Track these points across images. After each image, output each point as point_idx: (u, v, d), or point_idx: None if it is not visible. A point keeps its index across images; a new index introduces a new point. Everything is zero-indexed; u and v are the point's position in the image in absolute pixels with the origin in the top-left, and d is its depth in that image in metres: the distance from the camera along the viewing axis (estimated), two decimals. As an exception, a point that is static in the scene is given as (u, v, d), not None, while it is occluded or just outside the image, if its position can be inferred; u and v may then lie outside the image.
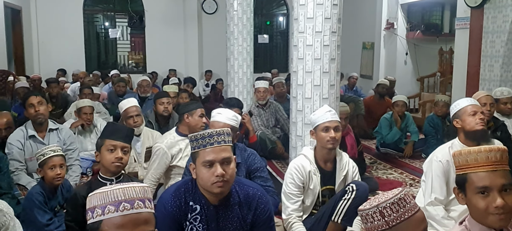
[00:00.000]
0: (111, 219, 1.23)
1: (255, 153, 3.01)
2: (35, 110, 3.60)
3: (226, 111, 2.92)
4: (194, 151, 1.94)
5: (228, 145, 1.95)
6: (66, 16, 10.06)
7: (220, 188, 1.91)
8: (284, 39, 12.06)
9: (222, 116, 2.83)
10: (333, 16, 3.51)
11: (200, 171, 1.92)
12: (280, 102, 5.90)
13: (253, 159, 2.94)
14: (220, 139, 1.92)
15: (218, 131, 1.93)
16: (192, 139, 1.94)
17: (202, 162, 1.90)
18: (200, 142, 1.92)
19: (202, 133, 1.92)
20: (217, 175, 1.87)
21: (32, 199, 2.76)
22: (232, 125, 2.79)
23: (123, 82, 6.74)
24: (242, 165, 2.87)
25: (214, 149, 1.90)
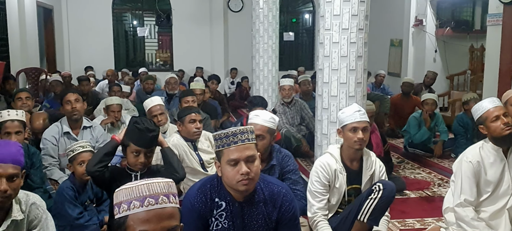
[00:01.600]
0: (137, 214, 1.25)
1: (291, 155, 2.99)
2: (71, 107, 3.70)
3: (264, 113, 2.91)
4: (219, 149, 1.96)
5: (252, 143, 1.95)
6: (95, 15, 10.30)
7: (245, 186, 1.92)
8: (310, 36, 11.99)
9: (260, 118, 2.82)
10: (360, 13, 3.47)
11: (225, 169, 1.93)
12: (306, 100, 5.87)
13: (287, 160, 2.92)
14: (244, 137, 1.93)
15: (241, 129, 1.94)
16: (216, 137, 1.96)
17: (227, 160, 1.92)
18: (224, 141, 1.93)
19: (226, 132, 1.94)
20: (242, 173, 1.89)
21: (63, 193, 2.84)
22: (270, 126, 2.78)
23: (151, 80, 6.85)
24: (277, 166, 2.86)
25: (238, 147, 1.91)
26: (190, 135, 3.39)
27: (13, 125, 3.08)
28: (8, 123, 3.07)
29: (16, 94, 4.46)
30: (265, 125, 2.78)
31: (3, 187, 1.84)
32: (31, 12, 8.08)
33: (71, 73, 8.53)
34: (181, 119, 3.40)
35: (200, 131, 3.42)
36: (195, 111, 3.44)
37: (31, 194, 2.09)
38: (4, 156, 1.87)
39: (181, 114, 3.45)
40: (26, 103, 4.32)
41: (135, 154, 2.50)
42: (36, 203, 2.05)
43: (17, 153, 1.94)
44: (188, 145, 3.40)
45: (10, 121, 3.08)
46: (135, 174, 2.54)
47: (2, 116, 3.11)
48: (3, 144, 1.96)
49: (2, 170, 1.85)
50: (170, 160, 2.66)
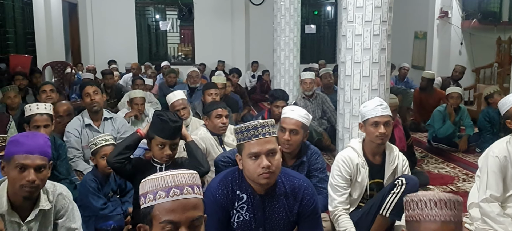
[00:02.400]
0: (162, 204, 1.28)
1: (319, 152, 2.96)
2: (90, 99, 3.78)
3: (298, 108, 2.89)
4: (240, 143, 1.97)
5: (273, 136, 1.96)
6: (119, 9, 10.44)
7: (266, 179, 1.93)
8: (332, 29, 11.88)
9: (294, 113, 2.80)
10: (384, 5, 3.42)
11: (246, 162, 1.94)
12: (327, 94, 5.83)
13: (316, 158, 2.89)
14: (265, 130, 1.93)
15: (262, 123, 1.94)
16: (237, 131, 1.97)
17: (248, 154, 1.93)
18: (245, 134, 1.94)
19: (247, 125, 1.94)
20: (263, 166, 1.89)
21: (86, 186, 2.91)
22: (303, 122, 2.77)
23: (174, 73, 6.92)
24: (305, 163, 2.85)
25: (259, 141, 1.92)
26: (216, 130, 3.40)
27: (42, 118, 3.16)
28: (37, 116, 3.15)
29: (41, 87, 4.56)
30: (300, 120, 2.75)
31: (31, 177, 1.89)
32: (56, 7, 8.25)
33: (96, 67, 8.72)
34: (208, 113, 3.42)
35: (226, 126, 3.44)
36: (221, 106, 3.44)
37: (58, 185, 2.14)
38: (32, 148, 1.92)
39: (208, 109, 3.47)
40: (51, 96, 4.42)
41: (160, 146, 2.53)
42: (62, 193, 2.10)
43: (45, 144, 1.99)
44: (214, 139, 3.42)
45: (39, 114, 3.16)
46: (160, 166, 2.58)
47: (31, 109, 3.18)
48: (31, 136, 2.01)
49: (30, 161, 1.90)
50: (194, 153, 2.69)
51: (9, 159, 1.91)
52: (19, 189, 1.91)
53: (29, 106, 3.19)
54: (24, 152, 1.90)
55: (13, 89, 4.57)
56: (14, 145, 1.93)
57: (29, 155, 1.90)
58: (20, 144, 1.92)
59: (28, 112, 3.17)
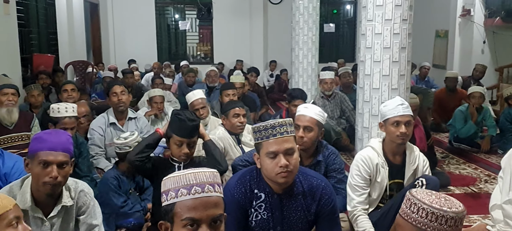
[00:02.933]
0: (184, 201, 1.30)
1: (337, 153, 2.94)
2: (118, 98, 3.85)
3: (313, 106, 2.89)
4: (258, 142, 1.97)
5: (291, 136, 1.95)
6: (139, 9, 10.57)
7: (284, 178, 1.92)
8: (351, 28, 11.79)
9: (309, 110, 2.80)
10: (404, 3, 3.38)
11: (264, 161, 1.95)
12: (346, 93, 5.79)
13: (333, 158, 2.87)
14: (283, 129, 1.93)
15: (280, 122, 1.94)
16: (255, 130, 1.97)
17: (266, 153, 1.93)
18: (263, 133, 1.94)
19: (264, 124, 1.95)
20: (281, 165, 1.89)
21: (107, 183, 2.96)
22: (318, 119, 2.76)
23: (193, 73, 6.97)
24: (322, 163, 2.83)
25: (277, 140, 1.91)
26: (233, 129, 3.42)
27: (71, 121, 3.22)
28: (66, 119, 3.19)
29: (63, 86, 4.65)
30: (314, 117, 2.75)
31: (54, 173, 1.93)
32: (78, 8, 8.39)
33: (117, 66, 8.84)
34: (225, 112, 3.43)
35: (243, 125, 3.45)
36: (239, 105, 3.45)
37: (80, 182, 2.18)
38: (55, 145, 1.97)
39: (225, 108, 3.48)
40: (72, 95, 4.49)
41: (178, 145, 2.56)
42: (84, 190, 2.14)
43: (67, 141, 2.03)
44: (232, 139, 3.43)
45: (68, 117, 3.20)
46: (178, 165, 2.60)
47: (60, 111, 3.21)
48: (54, 133, 2.05)
49: (53, 157, 1.94)
50: (212, 152, 2.71)
51: (33, 156, 1.96)
52: (42, 186, 1.95)
53: (58, 107, 3.21)
54: (47, 149, 1.95)
55: (37, 88, 4.67)
56: (38, 142, 1.98)
57: (52, 152, 1.95)
58: (44, 140, 1.97)
59: (57, 113, 3.18)
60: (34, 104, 4.59)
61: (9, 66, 5.41)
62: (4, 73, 4.86)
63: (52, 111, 3.24)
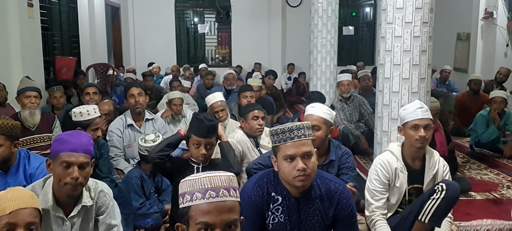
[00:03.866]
0: (198, 205, 1.30)
1: (350, 153, 2.92)
2: (135, 100, 3.89)
3: (320, 105, 2.89)
4: (275, 145, 1.97)
5: (309, 139, 1.94)
6: (159, 12, 10.71)
7: (302, 181, 1.92)
8: (371, 30, 11.69)
9: (316, 109, 2.81)
10: (425, 6, 3.34)
11: (282, 165, 1.94)
12: (365, 96, 5.74)
13: (347, 158, 2.86)
14: (300, 133, 1.92)
15: (298, 125, 1.94)
16: (273, 133, 1.97)
17: (283, 156, 1.92)
18: (280, 137, 1.94)
19: (282, 127, 1.94)
20: (299, 169, 1.88)
21: (131, 182, 2.99)
22: (325, 118, 2.76)
23: (211, 75, 7.01)
24: (335, 162, 2.82)
25: (294, 143, 1.91)
26: (252, 131, 3.41)
27: (101, 120, 3.28)
28: (98, 120, 3.18)
29: (85, 89, 4.73)
30: (321, 115, 2.75)
31: (75, 174, 1.96)
32: (100, 11, 8.54)
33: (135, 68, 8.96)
34: (244, 115, 3.43)
35: (262, 128, 3.44)
36: (258, 108, 3.44)
37: (99, 182, 2.22)
38: (76, 146, 2.00)
39: (244, 111, 3.48)
40: (93, 98, 4.56)
41: (196, 145, 2.59)
42: (104, 191, 2.18)
43: (88, 143, 2.07)
44: (250, 141, 3.43)
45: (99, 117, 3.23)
46: (197, 166, 2.62)
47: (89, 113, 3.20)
48: (76, 135, 2.09)
49: (74, 159, 1.98)
50: (226, 154, 2.72)
51: (55, 157, 2.00)
52: (63, 186, 1.99)
53: (80, 111, 3.21)
54: (69, 150, 1.98)
55: (59, 90, 4.76)
56: (60, 143, 2.01)
57: (73, 153, 1.98)
58: (65, 142, 2.01)
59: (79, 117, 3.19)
60: (56, 106, 4.68)
61: (33, 68, 5.53)
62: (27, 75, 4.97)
63: (74, 116, 3.21)
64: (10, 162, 2.58)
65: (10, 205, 1.53)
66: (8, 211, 1.52)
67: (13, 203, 1.54)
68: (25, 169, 2.62)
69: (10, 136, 2.54)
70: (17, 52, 5.24)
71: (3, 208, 1.53)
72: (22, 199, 1.56)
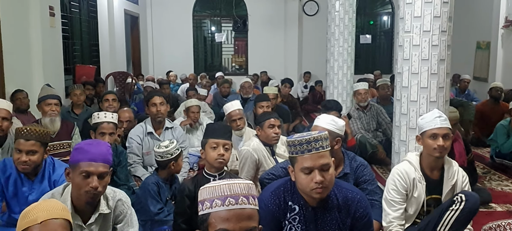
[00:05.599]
0: (218, 212, 1.31)
1: (366, 164, 2.88)
2: (157, 109, 3.95)
3: (325, 116, 2.87)
4: (292, 155, 1.96)
5: (326, 151, 1.93)
6: (177, 22, 10.85)
7: (319, 193, 1.91)
8: (388, 39, 11.62)
9: (320, 120, 2.79)
10: (443, 15, 3.31)
11: (299, 176, 1.93)
12: (384, 105, 5.69)
13: (363, 170, 2.82)
14: (318, 145, 1.90)
15: (315, 137, 1.92)
16: (290, 144, 1.96)
17: (301, 168, 1.91)
18: (298, 148, 1.92)
19: (299, 139, 1.92)
20: (316, 181, 1.87)
21: (148, 188, 3.02)
22: (329, 128, 2.71)
23: (228, 84, 7.06)
24: (350, 176, 2.79)
25: (312, 155, 1.89)
26: (268, 140, 3.41)
27: (109, 126, 3.34)
28: (104, 124, 3.32)
29: (104, 96, 4.81)
30: (324, 126, 2.72)
31: (94, 184, 1.99)
32: (119, 20, 8.68)
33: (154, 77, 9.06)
34: (260, 123, 3.43)
35: (278, 136, 3.44)
36: (274, 116, 3.44)
37: (117, 191, 2.24)
38: (96, 156, 2.03)
39: (260, 119, 3.48)
40: (112, 105, 4.65)
41: (213, 147, 2.59)
42: (122, 199, 2.20)
43: (107, 152, 2.09)
44: (266, 150, 3.43)
45: (106, 122, 3.33)
46: (213, 178, 2.63)
47: (99, 117, 3.35)
48: (95, 144, 2.11)
49: (93, 168, 2.00)
50: None
51: (74, 166, 2.02)
52: (82, 194, 2.01)
53: (97, 114, 3.37)
54: (88, 160, 2.00)
55: (79, 88, 4.89)
56: (79, 153, 2.04)
57: (92, 163, 2.00)
58: (85, 151, 2.03)
59: (96, 119, 3.35)
60: (76, 103, 4.79)
61: (53, 76, 5.65)
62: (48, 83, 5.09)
63: (94, 119, 3.38)
64: (38, 169, 2.65)
65: (42, 215, 1.55)
66: (39, 221, 1.54)
67: (45, 213, 1.56)
68: (50, 176, 2.68)
69: (44, 143, 2.62)
70: (38, 61, 5.36)
71: (35, 218, 1.54)
72: (54, 210, 1.58)
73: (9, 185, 2.61)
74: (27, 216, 1.56)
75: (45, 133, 2.62)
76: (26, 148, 2.55)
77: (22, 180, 2.64)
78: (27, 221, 1.54)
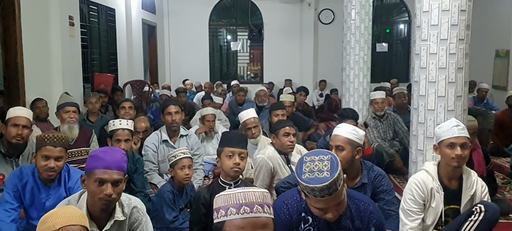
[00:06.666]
0: (233, 220, 1.32)
1: (384, 174, 2.84)
2: (172, 118, 3.99)
3: (346, 125, 2.83)
4: (305, 194, 1.90)
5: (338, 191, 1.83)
6: (194, 31, 10.96)
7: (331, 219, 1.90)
8: (405, 47, 11.52)
9: (340, 130, 2.73)
10: (461, 23, 3.27)
11: (312, 209, 1.92)
12: (400, 114, 5.63)
13: (381, 180, 2.77)
14: (331, 190, 1.78)
15: (327, 185, 1.76)
16: (302, 188, 1.88)
17: (314, 206, 1.88)
18: (310, 193, 1.82)
19: (312, 186, 1.78)
20: (329, 217, 1.87)
21: (163, 196, 3.05)
22: (350, 138, 2.68)
23: (243, 92, 7.08)
24: (368, 186, 2.75)
25: (325, 200, 1.80)
26: (283, 148, 3.40)
27: (124, 133, 3.39)
28: (119, 131, 3.38)
29: (121, 103, 4.88)
30: (345, 136, 2.67)
31: (109, 191, 2.00)
32: (137, 30, 8.81)
33: (170, 85, 9.15)
34: (276, 131, 3.42)
35: (293, 144, 3.42)
36: (289, 124, 3.43)
37: (133, 198, 2.26)
38: (110, 163, 2.04)
39: (275, 127, 3.47)
40: (129, 112, 4.71)
41: (229, 155, 2.60)
42: (137, 207, 2.22)
43: (121, 160, 2.10)
44: (281, 158, 3.42)
45: (121, 129, 3.38)
46: (228, 186, 2.63)
47: (114, 124, 3.42)
48: (110, 152, 2.13)
49: (108, 176, 2.02)
50: None
51: (89, 173, 2.05)
52: (97, 201, 2.03)
53: (113, 122, 3.44)
54: (103, 167, 2.02)
55: (94, 96, 4.97)
56: (94, 160, 2.06)
57: (107, 170, 2.02)
58: (100, 159, 2.05)
59: (111, 127, 3.41)
60: (91, 111, 4.86)
61: (72, 84, 5.75)
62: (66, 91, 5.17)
63: (109, 126, 3.43)
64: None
65: (60, 222, 1.57)
66: (57, 227, 1.56)
67: (63, 220, 1.58)
68: (66, 182, 2.72)
69: (67, 149, 2.68)
70: (58, 70, 5.46)
71: (53, 224, 1.57)
72: (72, 217, 1.60)
73: (26, 192, 2.65)
74: (46, 222, 1.58)
75: (68, 140, 2.70)
76: (54, 154, 2.60)
77: (39, 187, 2.68)
78: (46, 227, 1.56)
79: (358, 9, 6.12)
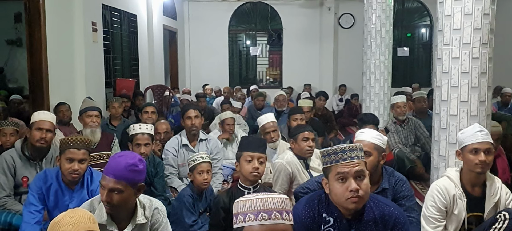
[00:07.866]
0: (251, 226, 1.32)
1: (405, 180, 2.80)
2: (191, 122, 4.02)
3: (370, 130, 2.81)
4: (327, 166, 1.94)
5: (361, 160, 1.90)
6: (214, 36, 11.06)
7: (355, 203, 1.88)
8: (427, 51, 11.36)
9: (366, 135, 2.71)
10: (484, 27, 3.21)
11: (333, 186, 1.91)
12: (420, 118, 5.54)
13: (401, 185, 2.73)
14: (353, 154, 1.89)
15: (350, 146, 1.90)
16: (324, 154, 1.94)
17: (335, 175, 1.89)
18: (332, 157, 1.91)
19: (334, 148, 1.92)
20: (351, 189, 1.85)
21: (183, 200, 3.07)
22: (376, 143, 2.65)
23: (262, 97, 7.09)
24: (389, 191, 2.71)
25: (346, 163, 1.87)
26: (302, 153, 3.38)
27: (143, 137, 3.43)
28: (139, 135, 3.43)
29: (144, 108, 4.95)
30: (371, 141, 2.65)
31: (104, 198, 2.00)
32: (158, 36, 8.92)
33: (190, 89, 9.23)
34: (294, 136, 3.41)
35: (312, 149, 3.41)
36: (308, 129, 3.41)
37: (154, 200, 2.28)
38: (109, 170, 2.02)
39: (294, 132, 3.46)
40: (151, 117, 4.76)
41: (248, 160, 2.60)
42: (158, 208, 2.24)
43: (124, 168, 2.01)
44: (300, 163, 3.41)
45: (141, 133, 3.43)
46: (248, 191, 2.63)
47: (134, 128, 3.47)
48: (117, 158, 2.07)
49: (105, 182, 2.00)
50: None
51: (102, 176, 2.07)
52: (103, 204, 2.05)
53: (133, 126, 3.49)
54: (105, 173, 2.03)
55: (117, 101, 5.05)
56: (107, 163, 2.07)
57: (105, 177, 2.02)
58: (108, 164, 2.06)
59: (132, 131, 3.47)
60: (114, 115, 4.94)
61: (95, 89, 5.86)
62: (89, 96, 5.27)
63: (130, 131, 3.49)
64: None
65: (69, 229, 1.55)
66: None
67: (71, 226, 1.56)
68: (88, 185, 2.77)
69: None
70: (81, 75, 5.58)
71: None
72: (81, 222, 1.59)
73: (50, 195, 2.71)
74: (54, 228, 1.57)
75: (91, 143, 2.74)
76: (78, 157, 2.65)
77: (63, 190, 2.73)
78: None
79: (379, 13, 6.07)
